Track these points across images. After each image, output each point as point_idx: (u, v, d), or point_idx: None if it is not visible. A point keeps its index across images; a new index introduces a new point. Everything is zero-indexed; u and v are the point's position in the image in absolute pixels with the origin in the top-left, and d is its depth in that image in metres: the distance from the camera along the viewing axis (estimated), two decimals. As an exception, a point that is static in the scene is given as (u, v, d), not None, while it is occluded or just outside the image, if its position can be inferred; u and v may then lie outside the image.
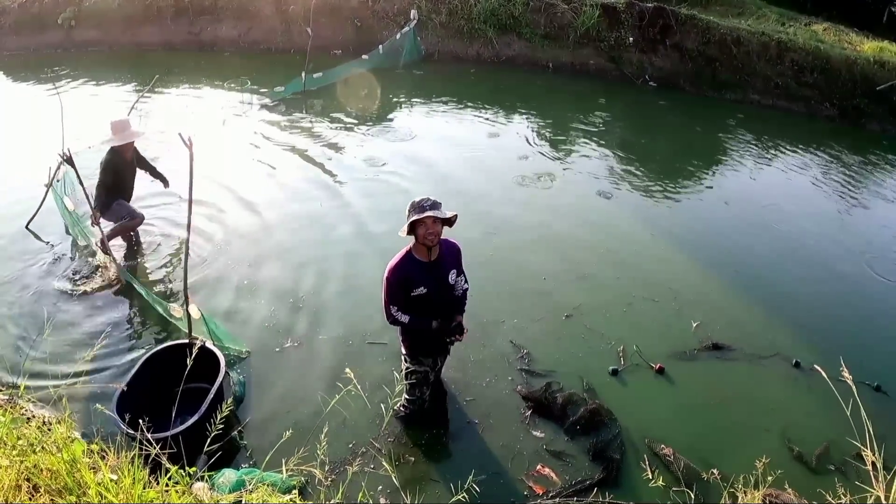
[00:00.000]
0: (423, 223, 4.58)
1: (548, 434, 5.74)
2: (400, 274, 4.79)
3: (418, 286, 4.81)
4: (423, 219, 4.55)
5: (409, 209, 4.59)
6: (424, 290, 4.83)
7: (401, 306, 4.86)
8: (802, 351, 6.92)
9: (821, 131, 15.21)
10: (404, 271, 4.80)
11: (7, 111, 13.93)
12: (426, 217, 4.54)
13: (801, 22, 19.36)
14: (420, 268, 4.81)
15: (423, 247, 4.74)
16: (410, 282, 4.80)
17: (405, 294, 4.83)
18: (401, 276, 4.79)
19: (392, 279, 4.81)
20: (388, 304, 4.87)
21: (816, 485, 5.25)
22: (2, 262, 7.88)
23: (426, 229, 4.60)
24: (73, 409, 4.13)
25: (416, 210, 4.56)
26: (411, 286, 4.80)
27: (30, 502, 2.91)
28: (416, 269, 4.81)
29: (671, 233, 9.41)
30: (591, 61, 17.46)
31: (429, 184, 10.19)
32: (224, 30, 18.52)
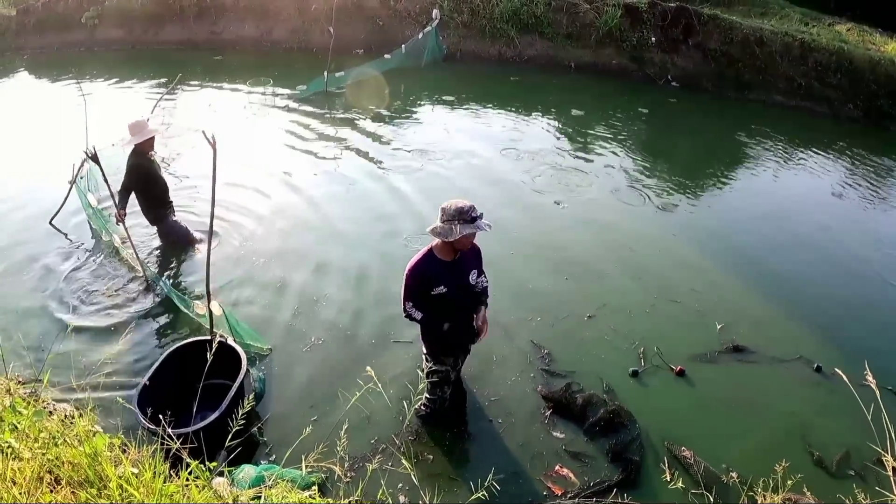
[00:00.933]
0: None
1: (567, 434, 5.72)
2: (421, 273, 4.78)
3: (438, 285, 4.79)
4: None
5: (452, 215, 4.51)
6: (444, 290, 4.81)
7: (416, 303, 4.84)
8: (824, 355, 6.84)
9: (844, 133, 15.04)
10: (425, 270, 4.79)
11: (31, 109, 14.08)
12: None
13: (825, 22, 19.18)
14: (442, 267, 4.80)
15: (449, 248, 4.73)
16: (431, 280, 4.78)
17: (425, 292, 4.81)
18: (422, 274, 4.78)
19: (412, 277, 4.79)
20: (405, 299, 4.86)
21: (836, 489, 5.18)
22: (26, 257, 7.95)
23: (466, 239, 4.60)
24: (95, 402, 4.16)
25: (463, 220, 4.50)
26: (432, 285, 4.79)
27: (51, 494, 2.93)
28: (437, 268, 4.79)
29: (693, 234, 9.34)
30: (614, 61, 17.39)
31: (449, 181, 10.19)
32: (246, 29, 18.64)
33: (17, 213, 9.00)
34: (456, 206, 4.51)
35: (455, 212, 4.50)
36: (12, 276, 7.60)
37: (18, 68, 17.77)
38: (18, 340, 5.59)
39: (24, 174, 10.30)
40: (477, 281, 5.01)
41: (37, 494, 2.87)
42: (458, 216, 4.50)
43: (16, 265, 7.80)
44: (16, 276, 7.60)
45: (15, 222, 8.73)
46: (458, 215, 4.50)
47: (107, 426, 4.91)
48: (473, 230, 4.53)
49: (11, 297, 7.23)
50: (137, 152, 7.44)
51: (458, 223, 4.50)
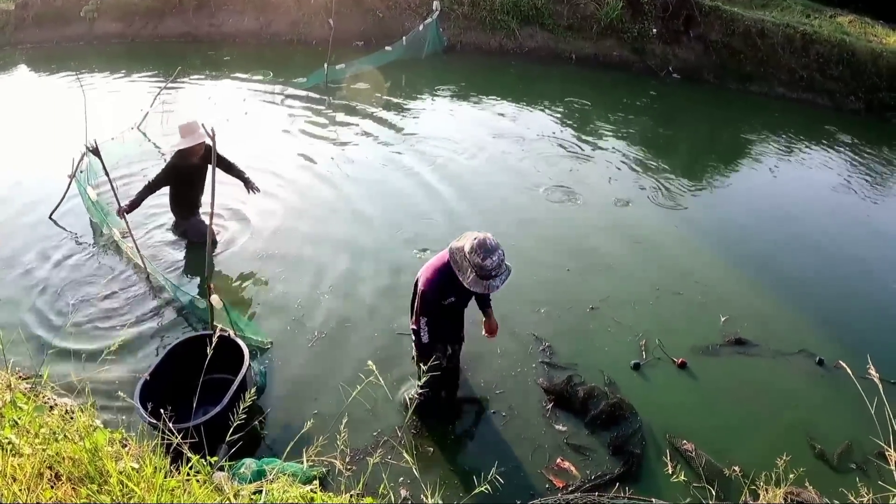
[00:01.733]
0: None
1: (569, 427, 5.71)
2: (438, 288, 4.84)
3: (450, 296, 4.89)
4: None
5: (474, 264, 4.51)
6: (454, 300, 4.93)
7: (429, 320, 4.91)
8: (826, 348, 6.82)
9: (846, 125, 15.00)
10: (443, 285, 4.83)
11: (31, 103, 14.05)
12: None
13: (826, 14, 19.12)
14: (456, 284, 4.77)
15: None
16: (446, 293, 4.87)
17: (436, 305, 4.89)
18: (439, 290, 4.85)
19: (431, 294, 4.85)
20: (420, 314, 4.89)
21: (838, 483, 5.19)
22: (26, 251, 7.94)
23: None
24: (95, 397, 4.15)
25: (479, 275, 4.54)
26: (446, 296, 4.88)
27: (51, 490, 2.92)
28: (452, 285, 4.80)
29: (695, 226, 9.33)
30: (615, 53, 17.36)
31: (446, 183, 10.17)
32: (246, 22, 18.58)
33: (17, 208, 8.97)
34: (480, 253, 4.48)
35: (477, 266, 4.50)
36: (12, 270, 7.58)
37: (18, 63, 17.71)
38: (19, 335, 5.58)
39: (24, 168, 10.26)
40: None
41: (37, 490, 2.86)
42: (478, 269, 4.51)
43: (16, 259, 7.78)
44: (16, 271, 7.59)
45: (14, 216, 8.70)
46: (479, 269, 4.50)
47: (107, 421, 4.92)
48: (482, 289, 4.58)
49: (11, 291, 7.22)
50: (181, 154, 7.40)
51: (474, 273, 4.53)
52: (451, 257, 4.65)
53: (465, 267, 4.55)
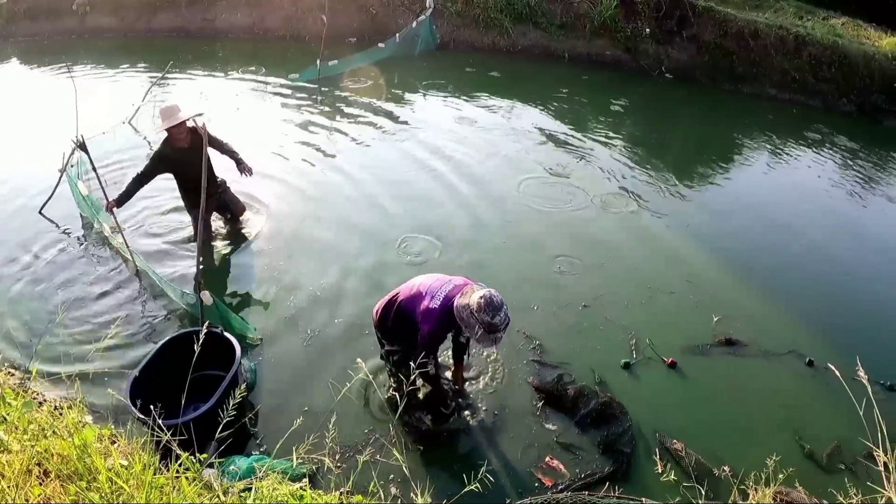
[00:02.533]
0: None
1: (559, 426, 5.72)
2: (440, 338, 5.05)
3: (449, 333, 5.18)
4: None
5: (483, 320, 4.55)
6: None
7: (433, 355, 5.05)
8: (816, 349, 6.82)
9: (838, 127, 15.03)
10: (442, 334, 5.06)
11: (21, 97, 14.00)
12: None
13: (819, 16, 19.14)
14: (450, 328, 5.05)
15: None
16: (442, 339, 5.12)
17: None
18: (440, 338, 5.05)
19: (432, 344, 4.98)
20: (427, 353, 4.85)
21: (827, 484, 5.21)
22: (15, 246, 7.91)
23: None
24: (85, 394, 4.14)
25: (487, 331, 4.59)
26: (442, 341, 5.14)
27: (40, 487, 2.91)
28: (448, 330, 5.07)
29: (687, 226, 9.32)
30: (608, 52, 17.34)
31: (440, 175, 10.17)
32: (239, 17, 18.52)
33: (7, 202, 8.94)
34: (490, 319, 4.54)
35: (486, 324, 4.55)
36: (1, 265, 7.55)
37: (9, 56, 17.64)
38: (7, 331, 5.57)
39: (14, 162, 10.24)
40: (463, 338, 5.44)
41: (25, 487, 2.85)
42: (486, 326, 4.56)
43: (4, 254, 7.76)
44: (4, 266, 7.56)
45: (4, 211, 8.68)
46: (488, 327, 4.56)
47: (97, 418, 4.90)
48: (490, 343, 4.69)
49: (0, 287, 7.19)
50: (165, 140, 7.26)
51: (482, 330, 4.57)
52: (458, 315, 4.70)
53: (472, 324, 4.60)
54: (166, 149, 7.24)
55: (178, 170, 7.40)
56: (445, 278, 5.14)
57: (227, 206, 8.22)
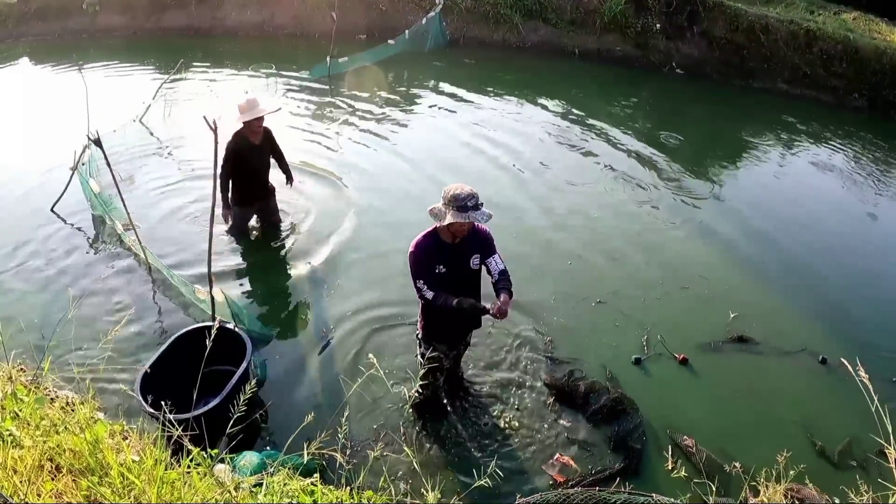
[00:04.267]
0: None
1: (570, 422, 5.71)
2: (424, 250, 4.79)
3: (438, 264, 4.80)
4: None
5: (448, 199, 4.48)
6: (444, 270, 4.82)
7: (426, 281, 4.81)
8: (830, 348, 6.79)
9: (849, 122, 14.97)
10: (427, 249, 4.79)
11: (32, 96, 14.04)
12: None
13: (831, 10, 19.05)
14: (443, 248, 4.79)
15: (445, 229, 4.70)
16: (432, 258, 4.79)
17: (429, 270, 4.81)
18: (425, 252, 4.79)
19: (415, 255, 4.79)
20: (415, 278, 4.83)
21: (838, 481, 5.18)
22: (27, 244, 7.95)
23: (459, 226, 4.57)
24: (96, 390, 4.15)
25: (456, 207, 4.46)
26: (433, 263, 4.80)
27: (52, 482, 2.92)
28: (438, 249, 4.80)
29: (700, 222, 9.31)
30: (618, 48, 17.31)
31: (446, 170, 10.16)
32: (248, 15, 18.56)
33: (19, 200, 8.97)
34: (452, 192, 4.49)
35: (451, 198, 4.48)
36: (13, 262, 7.59)
37: (20, 55, 17.69)
38: (20, 327, 5.58)
39: (26, 161, 10.27)
40: (482, 263, 4.97)
41: (37, 482, 2.86)
42: (452, 202, 4.47)
43: (17, 251, 7.79)
44: (17, 263, 7.60)
45: (16, 208, 8.70)
46: (453, 202, 4.47)
47: (108, 414, 4.92)
48: (464, 220, 4.47)
49: (12, 283, 7.23)
50: (239, 134, 7.16)
51: (451, 209, 4.47)
52: (431, 213, 4.62)
53: (443, 213, 4.54)
54: (238, 143, 7.14)
55: (243, 166, 7.33)
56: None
57: (269, 212, 8.15)
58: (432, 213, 4.60)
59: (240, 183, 7.51)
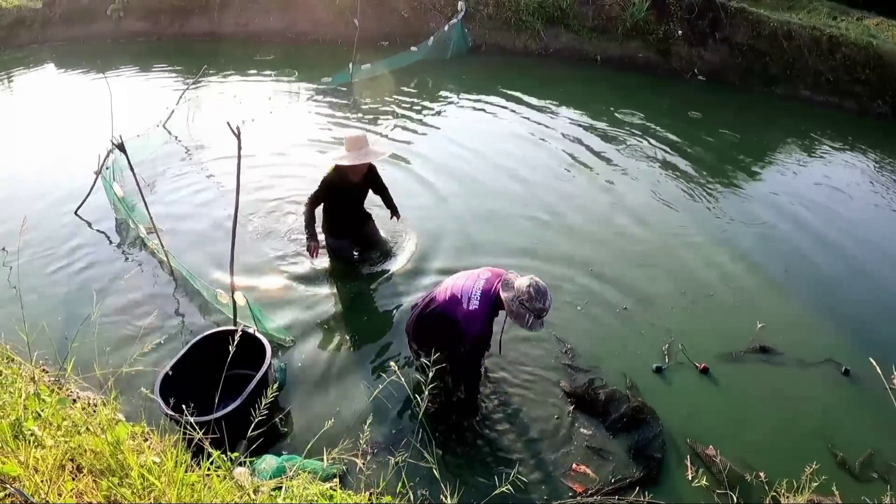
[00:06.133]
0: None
1: (589, 430, 5.67)
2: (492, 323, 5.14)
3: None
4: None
5: (532, 309, 4.75)
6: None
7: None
8: (855, 359, 6.66)
9: (872, 129, 14.84)
10: (492, 318, 5.14)
11: (58, 100, 14.21)
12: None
13: (853, 16, 18.91)
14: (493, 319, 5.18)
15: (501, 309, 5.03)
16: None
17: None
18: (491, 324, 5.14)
19: (488, 338, 5.21)
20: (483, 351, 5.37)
21: (860, 492, 5.12)
22: (52, 246, 8.01)
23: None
24: (118, 391, 4.18)
25: (536, 316, 4.79)
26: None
27: (73, 482, 2.94)
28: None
29: (723, 231, 9.24)
30: (640, 54, 17.26)
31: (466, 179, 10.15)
32: (271, 21, 18.68)
33: (43, 203, 9.05)
34: (543, 305, 4.76)
35: (538, 310, 4.76)
36: (37, 265, 7.66)
37: (45, 60, 17.91)
38: (43, 329, 5.63)
39: (50, 164, 10.38)
40: None
41: (58, 482, 2.88)
42: (535, 312, 4.76)
43: (41, 254, 7.85)
44: (40, 265, 7.66)
45: (40, 212, 8.77)
46: (538, 312, 4.77)
47: (130, 415, 4.95)
48: (538, 327, 4.85)
49: (36, 285, 7.28)
50: (339, 170, 6.78)
51: (532, 317, 4.77)
52: (508, 307, 4.85)
53: (521, 313, 4.78)
54: (337, 179, 6.82)
55: (338, 200, 7.12)
56: (473, 275, 5.21)
57: (367, 238, 7.88)
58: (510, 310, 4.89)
59: (332, 215, 7.33)
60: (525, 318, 4.76)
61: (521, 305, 4.75)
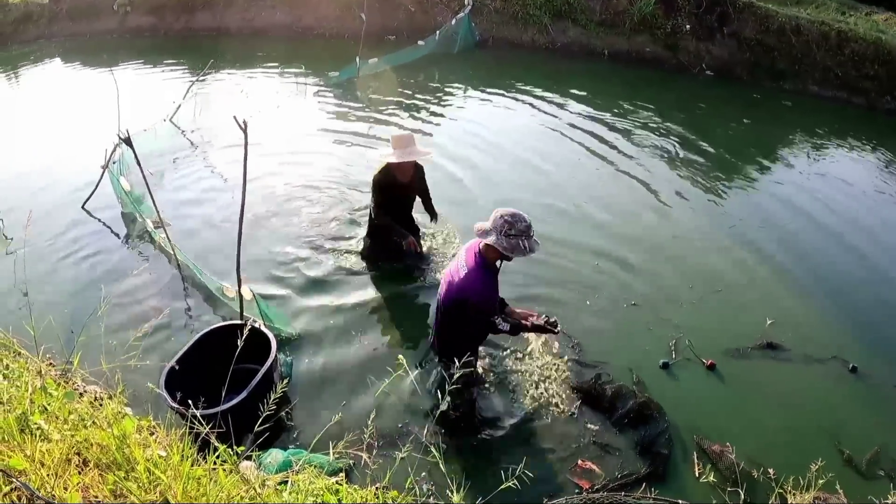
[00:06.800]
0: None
1: (596, 426, 5.66)
2: (495, 286, 4.92)
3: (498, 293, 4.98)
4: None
5: (522, 230, 4.55)
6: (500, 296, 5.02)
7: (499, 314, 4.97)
8: (862, 356, 6.67)
9: (881, 125, 14.78)
10: (495, 282, 4.93)
11: (64, 95, 14.24)
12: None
13: (862, 11, 18.85)
14: (495, 276, 4.95)
15: (498, 257, 4.77)
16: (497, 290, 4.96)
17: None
18: (495, 287, 4.92)
19: (494, 294, 4.94)
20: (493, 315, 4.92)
21: (867, 489, 5.11)
22: (59, 240, 8.04)
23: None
24: (124, 385, 4.17)
25: (529, 235, 4.58)
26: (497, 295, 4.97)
27: (79, 476, 2.94)
28: (495, 278, 4.94)
29: (730, 227, 9.20)
30: (648, 49, 17.23)
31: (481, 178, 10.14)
32: (278, 15, 18.69)
33: (51, 197, 9.08)
34: (525, 220, 4.55)
35: (524, 228, 4.54)
36: (44, 258, 7.67)
37: (52, 55, 17.95)
38: (50, 322, 5.64)
39: (57, 159, 10.41)
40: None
41: (65, 476, 2.88)
42: (525, 232, 4.54)
43: (49, 248, 7.87)
44: (48, 259, 7.68)
45: (48, 206, 8.79)
46: (526, 231, 4.55)
47: (136, 409, 4.95)
48: (536, 245, 4.63)
49: (44, 278, 7.30)
50: (386, 169, 6.70)
51: (524, 239, 4.54)
52: (501, 249, 4.58)
53: (514, 244, 4.55)
54: (384, 179, 6.75)
55: (391, 202, 7.01)
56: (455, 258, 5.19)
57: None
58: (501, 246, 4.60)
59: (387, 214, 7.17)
60: (519, 244, 4.54)
61: (507, 238, 4.53)
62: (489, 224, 4.63)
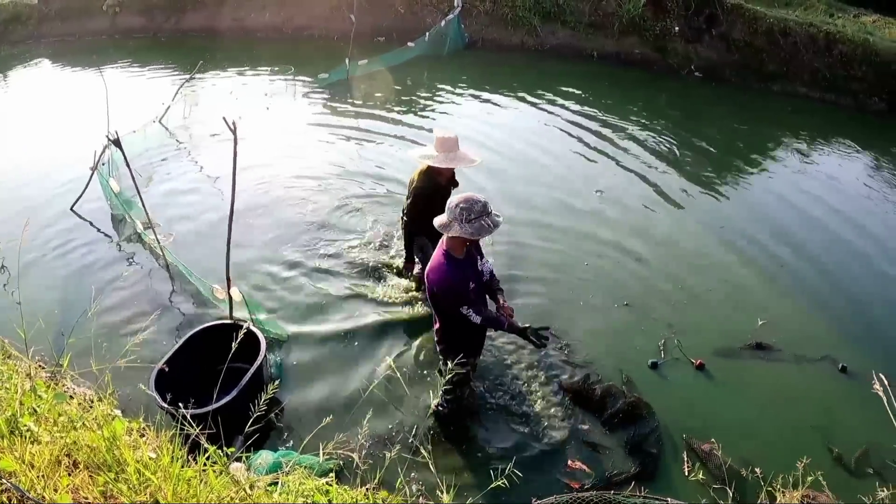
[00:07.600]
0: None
1: (586, 426, 5.69)
2: (461, 276, 4.65)
3: (469, 280, 4.69)
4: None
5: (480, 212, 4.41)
6: (473, 286, 4.71)
7: (470, 305, 4.65)
8: (853, 356, 6.71)
9: (869, 126, 14.86)
10: (461, 271, 4.66)
11: (53, 96, 14.19)
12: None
13: (850, 13, 18.93)
14: (463, 265, 4.70)
15: (461, 245, 4.62)
16: (465, 277, 4.67)
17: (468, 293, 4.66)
18: (462, 277, 4.65)
19: (457, 283, 4.62)
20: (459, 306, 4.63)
21: (856, 488, 5.13)
22: (48, 242, 8.02)
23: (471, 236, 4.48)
24: (114, 387, 4.17)
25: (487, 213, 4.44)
26: (465, 281, 4.67)
27: (69, 478, 2.94)
28: (463, 267, 4.69)
29: (720, 227, 9.23)
30: (637, 51, 17.27)
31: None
32: (268, 17, 18.67)
33: (39, 199, 9.05)
34: (480, 201, 4.42)
35: (482, 208, 4.40)
36: (34, 261, 7.65)
37: (41, 56, 17.89)
38: (39, 324, 5.62)
39: (46, 160, 10.37)
40: (482, 267, 4.94)
41: (54, 478, 2.88)
42: (484, 211, 4.40)
43: (37, 250, 7.84)
44: (37, 261, 7.66)
45: (37, 207, 8.77)
46: (484, 210, 4.41)
47: (126, 411, 4.95)
48: (498, 219, 4.48)
49: (33, 281, 7.27)
50: (428, 172, 6.35)
51: (484, 218, 4.41)
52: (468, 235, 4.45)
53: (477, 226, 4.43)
54: (427, 183, 6.37)
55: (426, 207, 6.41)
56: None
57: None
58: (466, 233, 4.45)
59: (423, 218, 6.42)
60: (483, 225, 4.41)
61: (470, 223, 4.40)
62: (446, 217, 4.51)
